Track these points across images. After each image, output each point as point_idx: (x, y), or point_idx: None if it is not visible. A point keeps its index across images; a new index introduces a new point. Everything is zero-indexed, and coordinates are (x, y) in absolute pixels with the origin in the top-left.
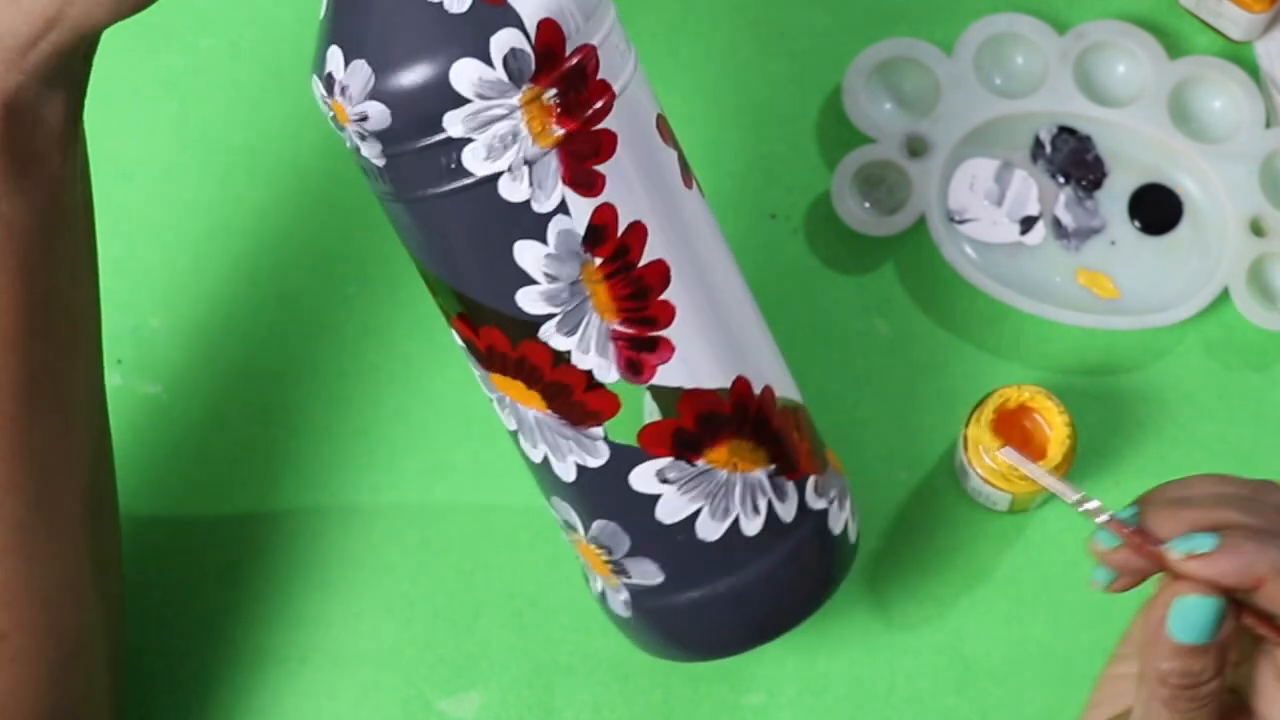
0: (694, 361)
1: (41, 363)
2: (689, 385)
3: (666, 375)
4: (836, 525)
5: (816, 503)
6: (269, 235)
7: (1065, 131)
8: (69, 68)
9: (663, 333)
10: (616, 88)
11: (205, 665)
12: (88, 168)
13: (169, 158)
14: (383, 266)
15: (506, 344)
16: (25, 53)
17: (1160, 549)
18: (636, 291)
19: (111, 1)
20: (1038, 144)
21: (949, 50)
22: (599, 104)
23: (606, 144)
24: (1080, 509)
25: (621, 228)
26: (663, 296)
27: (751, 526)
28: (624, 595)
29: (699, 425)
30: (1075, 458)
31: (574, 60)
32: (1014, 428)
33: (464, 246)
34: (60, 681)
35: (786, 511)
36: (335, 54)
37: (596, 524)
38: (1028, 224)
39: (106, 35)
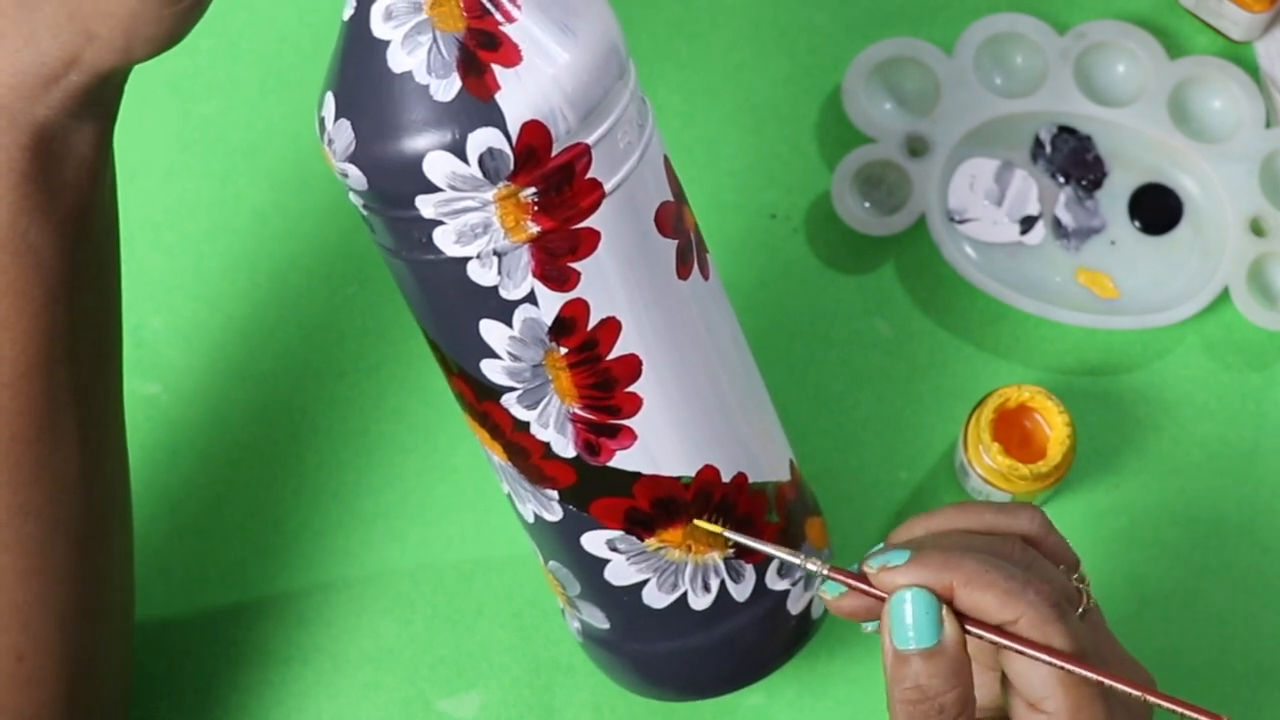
0: (656, 450)
1: (66, 388)
2: (648, 471)
3: (625, 460)
4: (797, 605)
5: (777, 584)
6: (269, 235)
7: (1065, 131)
8: (97, 101)
9: (625, 421)
10: (608, 186)
11: (206, 665)
12: (114, 188)
13: (169, 158)
14: (383, 267)
15: (473, 397)
16: (48, 89)
17: (863, 568)
18: (601, 383)
19: (123, 49)
20: (1038, 144)
21: (949, 50)
22: (583, 204)
23: (586, 242)
24: (807, 568)
25: (592, 323)
26: (630, 389)
27: (700, 603)
28: (576, 624)
29: (654, 508)
30: (1075, 458)
31: (560, 161)
32: (1014, 428)
33: (437, 309)
34: (73, 700)
35: (741, 592)
36: (330, 103)
37: (552, 563)
38: (1028, 224)
39: None
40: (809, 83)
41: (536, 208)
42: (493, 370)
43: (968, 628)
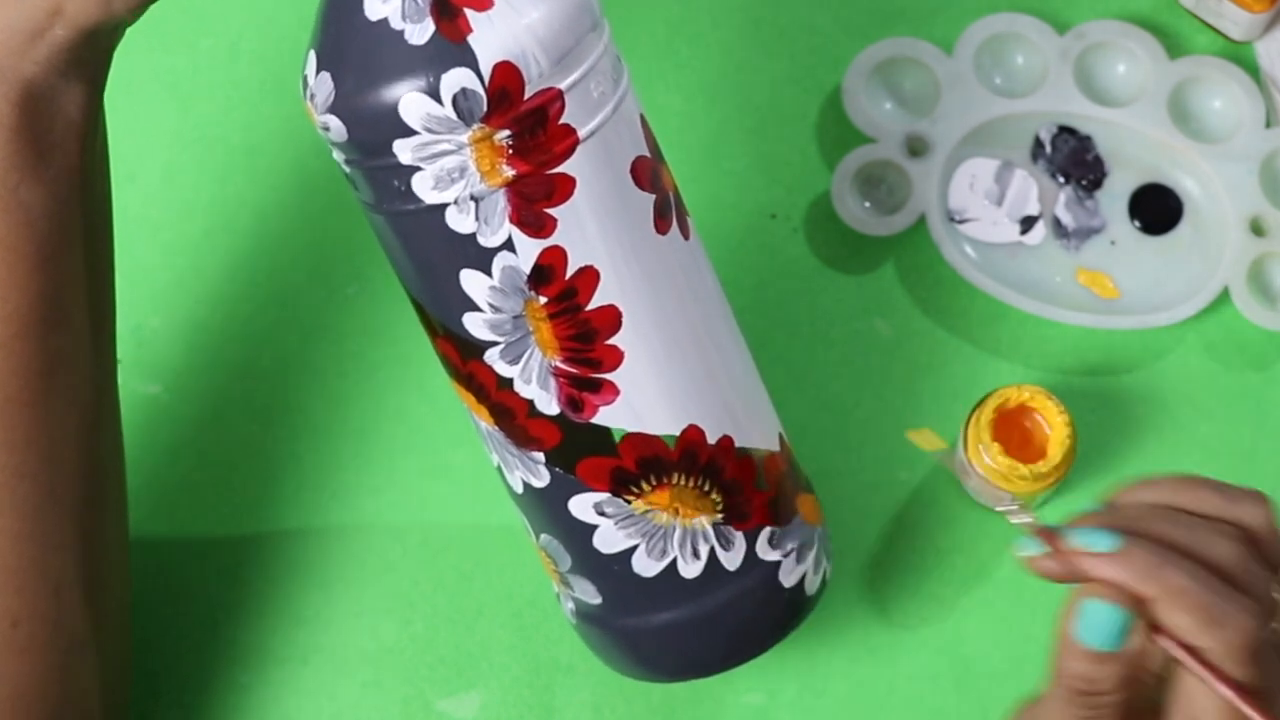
0: (640, 406)
1: (58, 351)
2: (632, 428)
3: (608, 416)
4: (789, 578)
5: (769, 554)
6: (269, 235)
7: (1065, 131)
8: (85, 61)
9: (607, 375)
10: (582, 133)
11: (206, 664)
12: (107, 160)
13: (169, 158)
14: (383, 266)
15: (458, 358)
16: (34, 43)
17: (1058, 535)
18: (582, 334)
19: (103, 1)
20: (1038, 144)
21: (949, 50)
22: (558, 148)
23: (561, 188)
24: (1010, 517)
25: (570, 271)
26: (611, 341)
27: (690, 570)
28: (570, 605)
29: (639, 467)
30: (1075, 458)
31: (533, 104)
32: (1014, 428)
33: (420, 263)
34: (68, 672)
35: (731, 560)
36: (312, 59)
37: (543, 536)
38: (1028, 224)
39: None
40: (809, 83)
41: (511, 151)
42: (475, 324)
43: (1155, 638)
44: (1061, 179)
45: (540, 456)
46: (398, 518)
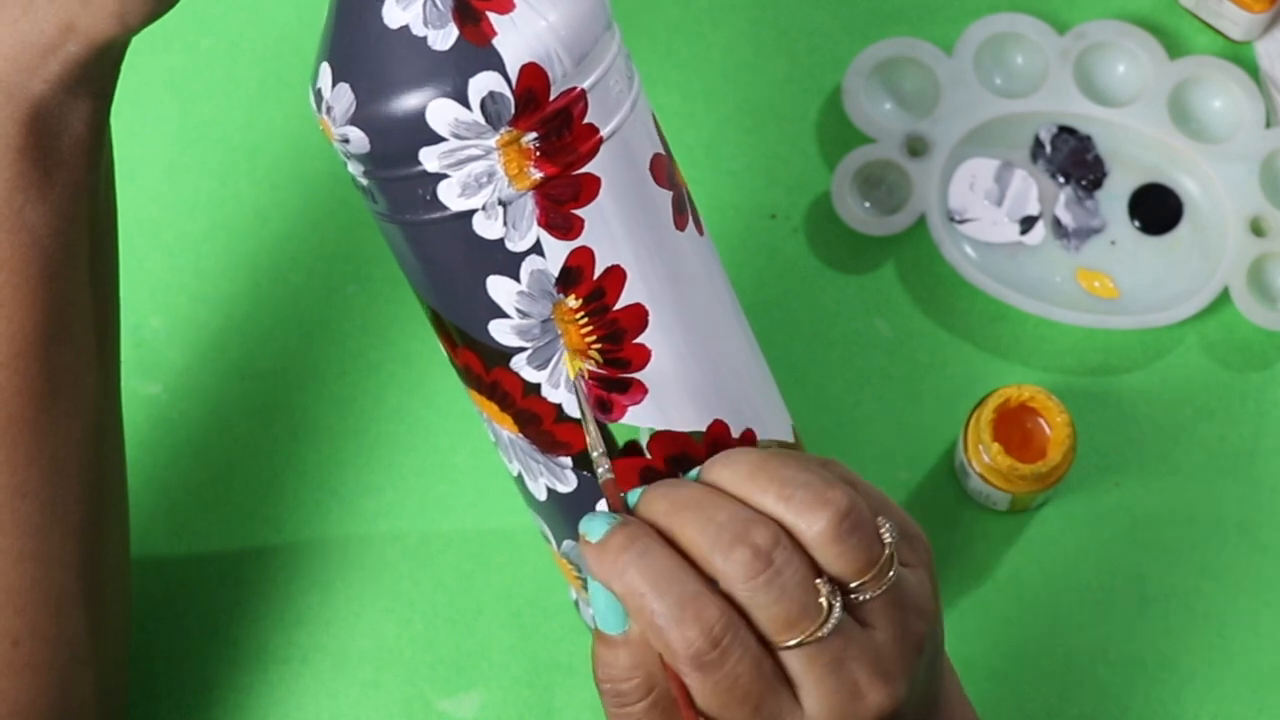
0: (667, 404)
1: (62, 368)
2: (660, 427)
3: (637, 416)
4: None
5: None
6: (269, 235)
7: (1065, 131)
8: (93, 76)
9: (635, 375)
10: (605, 131)
11: (206, 665)
12: (112, 173)
13: (169, 158)
14: (383, 266)
15: (481, 368)
16: (45, 60)
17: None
18: (610, 334)
19: (118, 14)
20: (1038, 144)
21: (949, 50)
22: (583, 148)
23: (588, 188)
24: (597, 469)
25: (598, 271)
26: (638, 340)
27: None
28: (591, 610)
29: (668, 466)
30: (1075, 458)
31: (558, 105)
32: (1014, 428)
33: (441, 273)
34: (68, 688)
35: None
36: (325, 72)
37: (566, 543)
38: (1028, 224)
39: None
40: (809, 83)
41: (538, 153)
42: (501, 331)
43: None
44: (1061, 179)
45: (567, 461)
46: (398, 518)
